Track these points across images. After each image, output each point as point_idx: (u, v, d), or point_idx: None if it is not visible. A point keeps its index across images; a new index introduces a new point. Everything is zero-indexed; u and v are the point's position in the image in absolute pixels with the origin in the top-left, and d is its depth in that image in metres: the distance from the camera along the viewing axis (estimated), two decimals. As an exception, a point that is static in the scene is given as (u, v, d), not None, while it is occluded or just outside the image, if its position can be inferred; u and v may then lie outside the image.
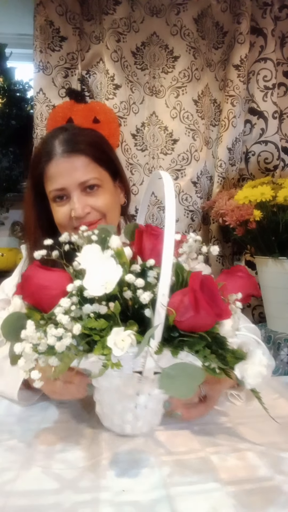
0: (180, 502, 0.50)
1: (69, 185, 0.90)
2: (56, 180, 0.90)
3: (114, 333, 0.51)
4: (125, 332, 0.51)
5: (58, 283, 0.57)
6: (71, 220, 0.91)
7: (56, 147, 0.91)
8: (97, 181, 0.92)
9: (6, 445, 0.64)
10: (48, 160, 0.91)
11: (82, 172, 0.90)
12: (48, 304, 0.56)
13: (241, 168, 1.77)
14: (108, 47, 1.62)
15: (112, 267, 0.54)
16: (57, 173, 0.90)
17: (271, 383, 0.89)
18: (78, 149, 0.91)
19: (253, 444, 0.64)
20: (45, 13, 1.61)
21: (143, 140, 1.70)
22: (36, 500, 0.51)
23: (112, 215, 0.96)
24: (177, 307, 0.53)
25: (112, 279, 0.53)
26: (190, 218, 1.72)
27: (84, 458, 0.60)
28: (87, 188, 0.91)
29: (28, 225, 0.99)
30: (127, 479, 0.55)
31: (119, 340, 0.50)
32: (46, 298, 0.57)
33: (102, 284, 0.53)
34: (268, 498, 0.51)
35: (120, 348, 0.50)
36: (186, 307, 0.53)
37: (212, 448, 0.63)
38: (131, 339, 0.51)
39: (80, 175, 0.90)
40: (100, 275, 0.53)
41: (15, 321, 0.57)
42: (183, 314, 0.53)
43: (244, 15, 1.64)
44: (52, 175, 0.91)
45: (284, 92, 1.80)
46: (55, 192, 0.91)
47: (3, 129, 1.91)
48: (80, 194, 0.90)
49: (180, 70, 1.67)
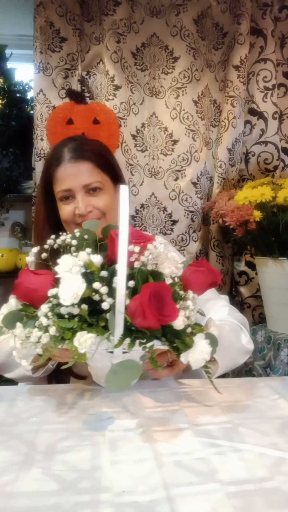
0: (180, 503, 0.50)
1: (75, 187, 1.02)
2: (63, 182, 1.03)
3: (79, 335, 0.64)
4: (87, 335, 0.64)
5: (44, 286, 0.70)
6: (74, 217, 1.03)
7: (65, 153, 1.05)
8: (99, 184, 1.04)
9: (6, 446, 0.64)
10: (58, 164, 1.04)
11: (86, 176, 1.03)
12: (39, 303, 0.69)
13: (241, 168, 1.77)
14: (108, 48, 1.63)
15: (78, 283, 0.66)
16: (65, 176, 1.03)
17: (271, 383, 0.89)
18: (83, 156, 1.04)
19: (253, 444, 0.64)
20: (45, 14, 1.61)
21: (143, 141, 1.70)
22: (36, 501, 0.51)
23: (112, 214, 1.06)
24: (133, 311, 0.66)
25: (79, 292, 0.66)
26: (190, 219, 1.72)
27: (84, 459, 0.60)
28: (90, 190, 1.04)
29: (37, 221, 1.13)
30: (127, 480, 0.55)
31: (82, 341, 0.64)
32: (36, 298, 0.71)
33: (70, 295, 0.65)
34: (268, 498, 0.51)
35: (83, 347, 0.63)
36: (137, 314, 0.65)
37: (212, 448, 0.63)
38: (91, 341, 0.64)
39: (85, 178, 1.03)
40: (70, 287, 0.66)
41: (12, 317, 0.72)
42: (135, 319, 0.66)
43: (244, 16, 1.64)
44: (61, 177, 1.04)
45: (284, 92, 1.80)
46: (62, 192, 1.04)
47: (3, 130, 1.91)
48: (84, 195, 1.03)
49: (180, 71, 1.68)
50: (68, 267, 0.68)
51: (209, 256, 1.75)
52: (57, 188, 1.05)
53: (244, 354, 0.99)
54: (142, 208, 1.70)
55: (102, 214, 1.05)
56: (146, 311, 0.65)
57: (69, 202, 1.04)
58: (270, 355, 1.36)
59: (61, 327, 0.66)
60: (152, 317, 0.65)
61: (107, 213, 1.05)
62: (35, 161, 1.66)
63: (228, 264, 1.78)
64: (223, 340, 0.87)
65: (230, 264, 1.79)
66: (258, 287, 1.68)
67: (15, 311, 0.72)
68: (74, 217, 1.04)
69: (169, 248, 1.17)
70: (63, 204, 1.05)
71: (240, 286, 1.78)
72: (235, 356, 0.96)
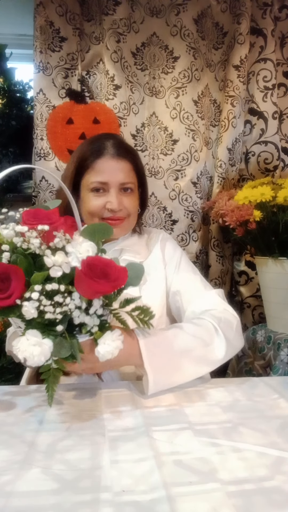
0: (180, 502, 0.50)
1: (112, 182, 1.04)
2: (101, 174, 1.04)
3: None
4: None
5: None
6: (103, 211, 1.05)
7: (108, 147, 1.07)
8: (132, 186, 1.08)
9: (6, 445, 0.64)
10: (99, 156, 1.05)
11: (125, 174, 1.06)
12: None
13: (241, 168, 1.77)
14: (108, 47, 1.63)
15: None
16: (105, 168, 1.04)
17: (271, 383, 0.90)
18: (126, 156, 1.08)
19: (253, 444, 0.64)
20: (45, 14, 1.61)
21: (143, 141, 1.70)
22: (36, 500, 0.51)
23: (134, 217, 1.11)
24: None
25: None
26: (190, 219, 1.72)
27: (84, 459, 0.60)
28: (123, 189, 1.07)
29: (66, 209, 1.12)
30: (127, 480, 0.55)
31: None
32: None
33: None
34: (268, 498, 0.51)
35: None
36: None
37: (212, 448, 0.63)
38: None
39: (123, 176, 1.06)
40: None
41: None
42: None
43: (244, 16, 1.64)
44: (100, 169, 1.05)
45: (284, 92, 1.80)
46: (96, 183, 1.05)
47: (3, 129, 1.91)
48: (118, 192, 1.05)
49: (180, 70, 1.68)
50: None
51: (209, 256, 1.75)
52: (92, 178, 1.05)
53: (209, 363, 0.88)
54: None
55: (128, 215, 1.08)
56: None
57: (100, 194, 1.05)
58: (270, 355, 1.36)
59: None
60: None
61: (131, 215, 1.09)
62: (35, 160, 1.66)
63: (228, 264, 1.78)
64: (170, 345, 0.83)
65: (230, 264, 1.79)
66: (258, 287, 1.68)
67: None
68: (102, 210, 1.04)
69: (168, 242, 1.17)
70: (93, 195, 1.05)
71: (240, 286, 1.78)
72: (188, 366, 0.84)
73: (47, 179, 1.64)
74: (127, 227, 1.10)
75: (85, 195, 1.07)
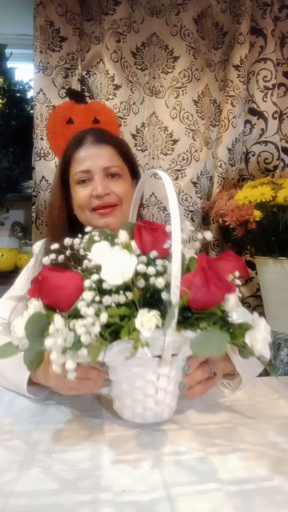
0: (180, 502, 0.50)
1: (94, 168, 1.00)
2: (83, 163, 1.01)
3: (140, 314, 0.55)
4: (150, 313, 0.55)
5: (73, 281, 0.61)
6: (90, 200, 1.00)
7: (87, 137, 1.04)
8: (118, 170, 1.02)
9: (6, 445, 0.64)
10: (79, 146, 1.02)
11: (107, 158, 1.01)
12: (66, 303, 0.60)
13: (241, 168, 1.77)
14: (108, 47, 1.62)
15: (126, 258, 0.59)
16: (85, 157, 1.01)
17: (271, 383, 0.90)
18: (106, 140, 1.04)
19: (253, 444, 0.64)
20: (45, 14, 1.61)
21: (143, 141, 1.70)
22: (36, 500, 0.51)
23: (128, 205, 1.01)
24: (189, 287, 0.58)
25: (129, 267, 0.58)
26: (190, 218, 1.72)
27: (84, 459, 0.60)
28: (110, 175, 1.02)
29: (53, 209, 1.08)
30: (127, 479, 0.55)
31: (146, 321, 0.55)
32: (63, 297, 0.61)
33: (119, 274, 0.58)
34: (268, 498, 0.51)
35: (147, 328, 0.55)
36: (198, 285, 0.58)
37: (212, 448, 0.63)
38: (156, 319, 0.55)
39: (105, 161, 1.01)
40: (116, 266, 0.59)
41: (37, 321, 0.59)
42: (196, 292, 0.58)
43: (244, 16, 1.64)
44: (81, 158, 1.01)
45: (284, 92, 1.80)
46: (80, 173, 1.01)
47: (3, 129, 1.91)
48: (102, 177, 1.00)
49: (180, 70, 1.68)
50: (106, 248, 0.62)
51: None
52: (75, 169, 1.02)
53: (260, 364, 0.91)
54: (142, 208, 1.70)
55: (119, 201, 1.01)
56: (210, 278, 0.58)
57: (86, 185, 1.01)
58: (270, 354, 1.36)
59: (112, 316, 0.57)
60: (218, 282, 0.58)
61: (123, 201, 1.02)
62: (35, 160, 1.66)
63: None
64: None
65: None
66: (258, 286, 1.67)
67: (41, 313, 0.61)
68: (90, 200, 1.00)
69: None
70: (79, 187, 1.02)
71: (240, 286, 1.78)
72: (256, 367, 0.84)
73: (47, 179, 1.64)
74: (121, 215, 1.01)
75: (73, 190, 1.04)
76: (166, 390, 0.65)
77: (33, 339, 0.58)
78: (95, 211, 1.00)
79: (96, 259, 0.62)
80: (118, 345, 0.58)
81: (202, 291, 0.58)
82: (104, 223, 0.99)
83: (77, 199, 1.02)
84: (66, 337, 0.55)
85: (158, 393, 0.64)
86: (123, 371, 0.64)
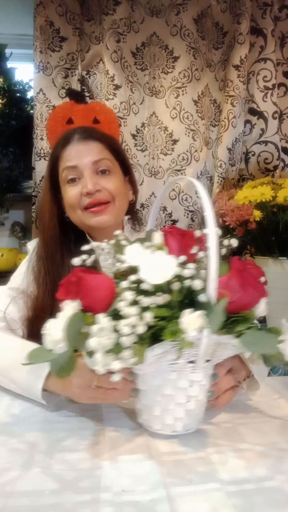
0: (180, 502, 0.50)
1: (82, 164, 0.96)
2: (70, 159, 0.97)
3: (185, 315, 0.54)
4: (194, 314, 0.54)
5: (106, 283, 0.61)
6: (81, 199, 0.96)
7: (74, 135, 1.01)
8: (108, 164, 0.99)
9: (6, 445, 0.64)
10: (66, 144, 0.99)
11: (95, 153, 0.98)
12: (101, 305, 0.59)
13: (241, 168, 1.77)
14: (108, 47, 1.62)
15: (166, 258, 0.59)
16: (72, 153, 0.98)
17: (271, 382, 0.89)
18: (93, 136, 1.01)
19: (253, 444, 0.64)
20: (45, 14, 1.61)
21: (143, 141, 1.70)
22: (36, 500, 0.51)
23: (121, 202, 1.01)
24: (227, 286, 0.58)
25: (169, 267, 0.58)
26: (190, 219, 1.72)
27: (84, 459, 0.60)
28: (100, 172, 0.98)
29: (43, 213, 1.04)
30: (127, 479, 0.55)
31: (191, 322, 0.54)
32: (99, 298, 0.60)
33: (159, 274, 0.57)
34: (268, 498, 0.51)
35: (193, 329, 0.53)
36: (234, 288, 0.58)
37: (212, 448, 0.63)
38: (201, 320, 0.54)
39: (93, 156, 0.97)
40: (156, 266, 0.58)
41: (77, 322, 0.57)
42: (233, 295, 0.58)
43: (244, 15, 1.64)
44: (68, 155, 0.98)
45: (284, 92, 1.80)
46: (67, 170, 0.97)
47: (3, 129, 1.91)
48: (92, 174, 0.97)
49: (180, 70, 1.68)
50: (141, 250, 0.61)
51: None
52: (62, 166, 0.98)
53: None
54: (142, 208, 1.70)
55: (111, 198, 0.98)
56: (247, 280, 0.58)
57: (76, 183, 0.97)
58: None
59: (157, 316, 0.55)
60: (255, 284, 0.58)
61: (116, 198, 0.98)
62: (35, 160, 1.66)
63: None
64: None
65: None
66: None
67: (80, 313, 0.58)
68: (80, 199, 0.96)
69: None
70: (68, 186, 0.98)
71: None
72: (264, 369, 0.82)
73: (47, 179, 1.64)
74: (114, 213, 0.99)
75: (63, 190, 1.00)
76: (197, 399, 0.64)
77: (73, 341, 0.56)
78: (87, 210, 0.97)
79: (132, 261, 0.61)
80: (159, 347, 0.56)
81: (240, 293, 0.58)
82: (97, 222, 0.96)
83: (67, 199, 0.99)
84: (110, 337, 0.53)
85: (190, 402, 0.64)
86: (154, 379, 0.62)
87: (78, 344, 0.56)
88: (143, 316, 0.54)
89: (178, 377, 0.62)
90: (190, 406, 0.64)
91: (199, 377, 0.63)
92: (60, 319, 0.57)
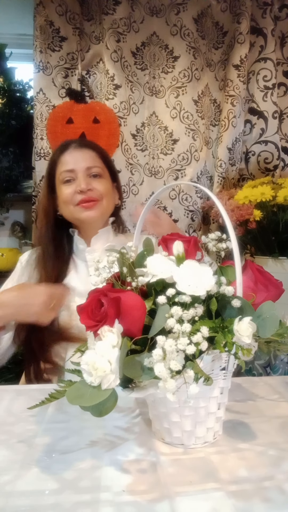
0: (180, 502, 0.50)
1: (78, 168, 1.11)
2: (68, 163, 1.12)
3: (236, 324, 0.53)
4: (244, 321, 0.53)
5: (139, 301, 0.56)
6: (74, 196, 1.09)
7: (71, 143, 1.17)
8: (100, 171, 1.13)
9: (6, 445, 0.64)
10: (64, 150, 1.14)
11: (90, 160, 1.13)
12: (138, 325, 0.54)
13: (241, 168, 1.77)
14: (108, 47, 1.62)
15: (201, 268, 0.56)
16: (70, 159, 1.13)
17: (271, 382, 0.89)
18: (88, 145, 1.17)
19: (253, 444, 0.64)
20: (45, 13, 1.61)
21: (143, 140, 1.70)
22: (36, 500, 0.51)
23: (108, 203, 1.14)
24: (249, 287, 0.58)
25: (208, 277, 0.55)
26: (190, 218, 1.72)
27: (84, 459, 0.60)
28: (92, 175, 1.12)
29: (42, 214, 1.18)
30: (127, 479, 0.55)
31: (243, 330, 0.53)
32: (137, 318, 0.55)
33: (200, 285, 0.54)
34: (268, 498, 0.51)
35: (247, 336, 0.53)
36: (260, 289, 0.58)
37: (212, 448, 0.63)
38: (252, 327, 0.53)
39: (88, 162, 1.13)
40: (194, 277, 0.55)
41: (126, 349, 0.53)
42: (260, 296, 0.58)
43: (244, 15, 1.64)
44: (66, 160, 1.13)
45: (284, 92, 1.80)
46: (65, 173, 1.11)
47: (3, 129, 1.90)
48: (85, 176, 1.11)
49: (180, 70, 1.68)
50: (165, 261, 0.58)
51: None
52: (60, 169, 1.12)
53: None
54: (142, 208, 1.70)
55: (101, 197, 1.12)
56: (270, 280, 0.58)
57: (70, 183, 1.11)
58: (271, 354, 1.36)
59: (211, 328, 0.53)
60: (276, 283, 0.59)
61: (104, 198, 1.12)
62: (35, 160, 1.66)
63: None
64: None
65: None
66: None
67: (126, 340, 0.53)
68: (74, 196, 1.09)
69: None
70: (64, 186, 1.11)
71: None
72: None
73: (47, 178, 1.64)
74: (101, 210, 1.12)
75: (59, 189, 1.13)
76: (220, 407, 0.64)
77: (130, 371, 0.51)
78: (78, 205, 1.10)
79: (160, 273, 0.57)
80: (210, 355, 0.55)
81: (266, 293, 0.59)
82: (86, 216, 1.10)
83: (62, 196, 1.11)
84: (174, 358, 0.49)
85: (220, 409, 0.64)
86: (182, 394, 0.54)
87: (135, 374, 0.52)
88: (199, 331, 0.51)
89: (212, 386, 0.59)
90: (219, 413, 0.64)
91: (228, 383, 0.63)
92: (103, 349, 0.52)
